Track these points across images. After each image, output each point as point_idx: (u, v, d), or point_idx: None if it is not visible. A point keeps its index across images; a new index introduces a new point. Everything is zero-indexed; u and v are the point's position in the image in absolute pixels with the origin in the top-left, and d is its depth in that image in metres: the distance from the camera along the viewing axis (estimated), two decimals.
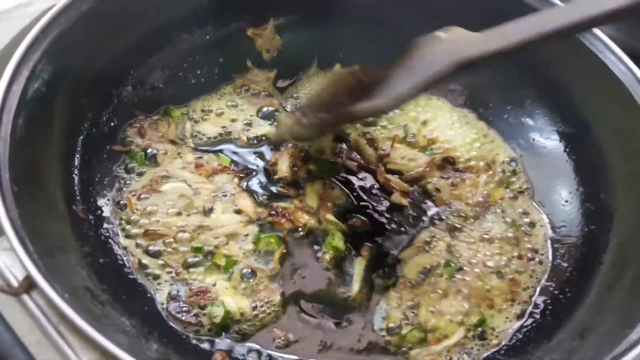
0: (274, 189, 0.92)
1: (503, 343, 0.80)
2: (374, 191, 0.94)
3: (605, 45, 0.93)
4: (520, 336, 0.81)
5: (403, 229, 0.90)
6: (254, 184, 0.93)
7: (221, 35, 1.07)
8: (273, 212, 0.88)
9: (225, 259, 0.82)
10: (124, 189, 0.89)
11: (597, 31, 0.95)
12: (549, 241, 0.91)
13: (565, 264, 0.88)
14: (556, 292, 0.86)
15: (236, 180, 0.93)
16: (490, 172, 0.98)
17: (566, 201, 0.95)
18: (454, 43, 0.74)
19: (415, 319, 0.81)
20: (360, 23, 1.11)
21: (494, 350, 0.80)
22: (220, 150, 0.97)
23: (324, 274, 0.84)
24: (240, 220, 0.87)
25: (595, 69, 0.93)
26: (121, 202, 0.87)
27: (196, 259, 0.82)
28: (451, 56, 0.72)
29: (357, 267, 0.85)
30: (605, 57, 0.93)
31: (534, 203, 0.95)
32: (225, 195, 0.90)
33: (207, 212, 0.88)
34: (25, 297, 0.59)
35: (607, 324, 0.73)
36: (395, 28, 1.08)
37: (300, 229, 0.87)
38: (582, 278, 0.84)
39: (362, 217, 0.91)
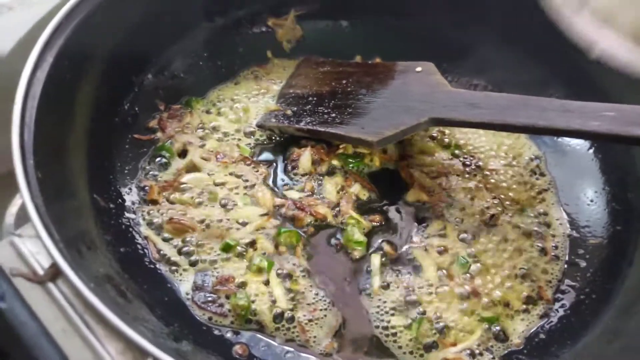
0: (293, 182, 0.92)
1: (525, 343, 0.79)
2: (394, 186, 0.93)
3: None
4: (544, 337, 0.79)
5: (420, 223, 0.89)
6: (274, 176, 0.93)
7: (242, 25, 1.07)
8: (292, 206, 0.87)
9: (265, 261, 0.81)
10: (146, 178, 0.89)
11: None
12: (567, 240, 0.89)
13: (584, 264, 0.86)
14: (579, 292, 0.84)
15: (256, 171, 0.92)
16: (514, 170, 0.96)
17: (591, 200, 0.93)
18: (431, 97, 0.89)
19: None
20: (380, 16, 1.10)
21: (516, 349, 0.78)
22: (240, 140, 0.96)
23: (347, 269, 0.84)
24: (261, 213, 0.86)
25: None
26: (143, 191, 0.87)
27: (224, 255, 0.82)
28: (429, 113, 0.86)
29: (374, 262, 0.84)
30: None
31: (557, 201, 0.93)
32: (246, 187, 0.90)
33: (229, 203, 0.87)
34: (50, 285, 0.59)
35: (636, 328, 0.72)
36: (415, 21, 1.08)
37: (321, 222, 0.87)
38: (608, 279, 0.83)
39: (381, 213, 0.89)
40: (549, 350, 0.77)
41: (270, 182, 0.92)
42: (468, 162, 0.97)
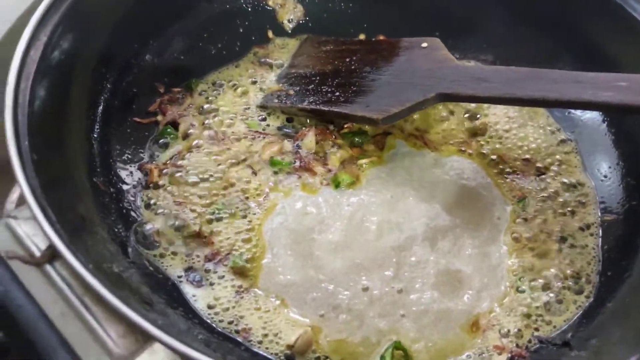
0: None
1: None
2: None
3: None
4: None
5: None
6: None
7: (242, 4, 1.04)
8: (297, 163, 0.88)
9: None
10: (147, 161, 0.87)
11: None
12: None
13: (599, 241, 0.84)
14: (595, 272, 0.81)
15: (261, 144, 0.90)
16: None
17: (605, 176, 0.90)
18: (437, 72, 0.86)
19: None
20: None
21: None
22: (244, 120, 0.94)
23: None
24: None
25: (636, 35, 0.88)
26: (144, 174, 0.85)
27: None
28: (436, 89, 0.83)
29: None
30: None
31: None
32: (249, 166, 0.88)
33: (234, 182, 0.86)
34: (48, 267, 0.57)
35: None
36: None
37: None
38: (624, 257, 0.80)
39: None
40: (568, 332, 0.75)
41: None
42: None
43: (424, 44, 0.93)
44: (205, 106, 0.94)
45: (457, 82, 0.83)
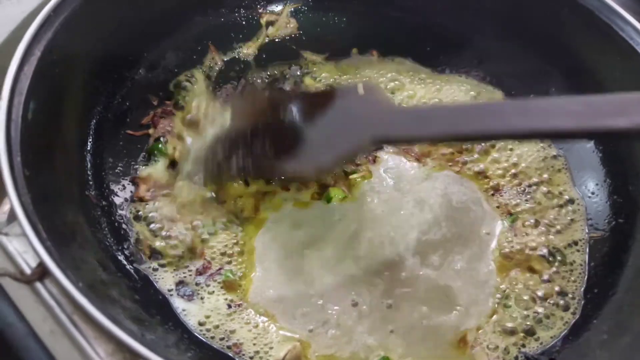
0: None
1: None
2: None
3: (636, 30, 0.89)
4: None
5: None
6: None
7: (235, 18, 1.05)
8: None
9: None
10: (138, 175, 0.87)
11: (626, 15, 0.91)
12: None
13: (586, 257, 0.85)
14: (581, 288, 0.82)
15: None
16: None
17: (592, 193, 0.91)
18: (374, 117, 0.77)
19: None
20: (376, 8, 1.07)
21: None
22: None
23: None
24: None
25: (624, 55, 0.89)
26: (134, 188, 0.85)
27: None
28: (372, 134, 0.75)
29: None
30: (636, 43, 0.89)
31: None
32: None
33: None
34: (38, 285, 0.57)
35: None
36: (412, 12, 1.05)
37: None
38: (610, 273, 0.81)
39: None
40: (554, 347, 0.76)
41: None
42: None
43: (361, 90, 0.82)
44: (196, 119, 0.95)
45: (395, 125, 0.75)
